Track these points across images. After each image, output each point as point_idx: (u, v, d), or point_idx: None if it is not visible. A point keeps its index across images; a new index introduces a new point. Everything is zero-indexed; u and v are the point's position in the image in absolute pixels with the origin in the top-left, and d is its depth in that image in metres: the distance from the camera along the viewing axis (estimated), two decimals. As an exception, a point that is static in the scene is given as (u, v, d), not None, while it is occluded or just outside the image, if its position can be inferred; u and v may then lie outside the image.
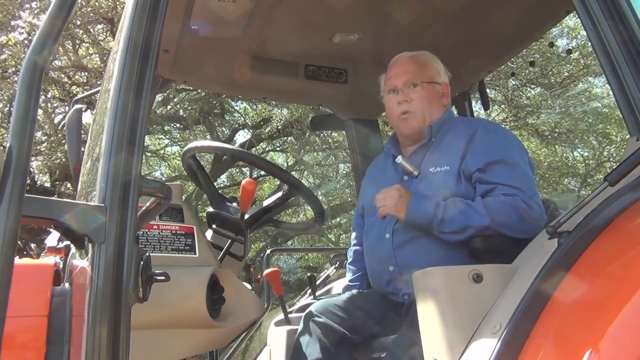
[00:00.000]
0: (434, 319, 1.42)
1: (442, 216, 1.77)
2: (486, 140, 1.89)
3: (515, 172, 1.83)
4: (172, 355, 1.61)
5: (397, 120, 2.04)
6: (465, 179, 1.87)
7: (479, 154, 1.85)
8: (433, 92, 2.04)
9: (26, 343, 1.36)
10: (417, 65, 2.06)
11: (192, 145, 2.10)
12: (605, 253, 1.31)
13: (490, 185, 1.80)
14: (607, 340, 1.17)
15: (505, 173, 1.81)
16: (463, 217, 1.76)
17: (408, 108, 2.01)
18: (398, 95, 2.02)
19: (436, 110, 2.04)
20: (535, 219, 1.75)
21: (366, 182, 2.27)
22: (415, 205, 1.82)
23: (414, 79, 2.02)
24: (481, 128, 1.94)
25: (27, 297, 1.38)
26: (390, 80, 2.07)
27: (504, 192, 1.77)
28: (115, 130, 1.14)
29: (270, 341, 2.42)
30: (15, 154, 0.88)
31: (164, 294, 1.25)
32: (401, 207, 1.82)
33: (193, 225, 1.66)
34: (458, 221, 1.76)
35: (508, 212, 1.73)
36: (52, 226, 1.11)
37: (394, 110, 2.04)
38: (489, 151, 1.85)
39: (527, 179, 1.83)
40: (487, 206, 1.76)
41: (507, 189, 1.78)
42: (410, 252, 1.85)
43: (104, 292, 1.04)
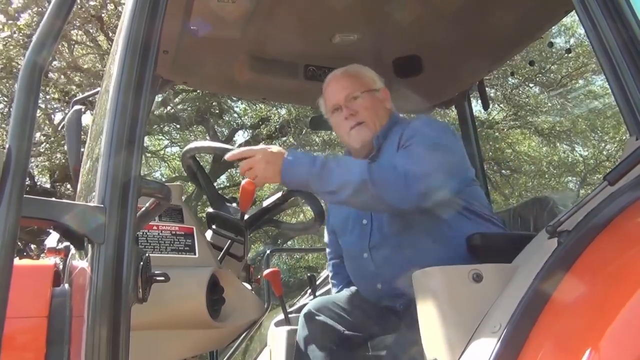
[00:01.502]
0: (434, 319, 1.42)
1: (320, 170, 1.69)
2: (413, 128, 1.89)
3: (421, 146, 1.80)
4: (172, 355, 1.61)
5: (348, 135, 2.02)
6: None
7: (404, 140, 1.85)
8: (374, 99, 2.05)
9: (26, 344, 1.36)
10: (352, 78, 2.06)
11: (192, 145, 2.09)
12: (605, 252, 1.31)
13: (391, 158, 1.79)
14: (607, 339, 1.17)
15: (406, 154, 1.79)
16: (342, 171, 1.69)
17: (356, 120, 2.00)
18: (343, 112, 2.02)
19: (383, 114, 2.04)
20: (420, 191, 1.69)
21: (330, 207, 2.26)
22: (288, 166, 1.69)
23: (353, 92, 2.02)
24: (414, 121, 1.98)
25: (27, 298, 1.38)
26: (330, 99, 2.07)
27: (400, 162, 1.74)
28: (114, 130, 1.14)
29: (271, 341, 2.42)
30: (15, 154, 0.88)
31: (163, 294, 1.24)
32: (272, 172, 1.70)
33: (193, 226, 1.66)
34: (336, 175, 1.68)
35: (388, 173, 1.69)
36: (52, 227, 1.11)
37: (344, 127, 2.02)
38: (407, 139, 1.85)
39: (431, 160, 1.77)
40: (372, 166, 1.71)
41: (404, 159, 1.75)
42: (394, 268, 1.82)
43: (103, 292, 1.04)
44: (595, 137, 10.75)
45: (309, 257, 11.05)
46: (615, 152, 10.28)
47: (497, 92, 9.43)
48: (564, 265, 1.30)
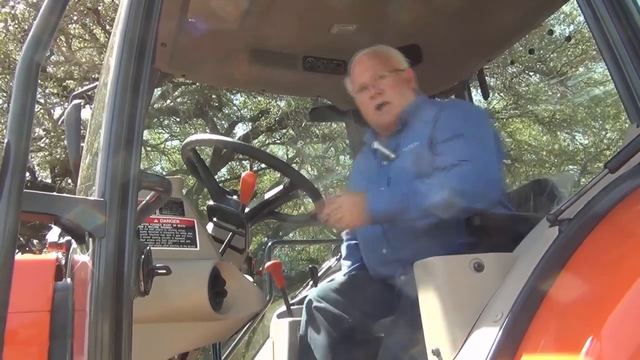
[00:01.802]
0: (435, 308, 1.42)
1: (402, 205, 1.77)
2: (450, 116, 1.95)
3: (472, 144, 1.85)
4: (175, 348, 1.62)
5: (374, 114, 2.09)
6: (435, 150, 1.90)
7: (442, 129, 1.90)
8: (400, 78, 2.10)
9: (29, 338, 1.36)
10: (377, 58, 2.12)
11: (192, 138, 2.09)
12: (606, 241, 1.31)
13: (447, 156, 1.83)
14: (607, 328, 1.18)
15: (462, 145, 1.84)
16: (422, 199, 1.75)
17: (383, 99, 2.06)
18: (369, 91, 2.07)
19: (408, 94, 2.10)
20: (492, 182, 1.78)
21: (351, 172, 2.31)
22: (372, 207, 1.80)
23: (380, 72, 2.08)
24: (448, 104, 2.05)
25: (29, 293, 1.38)
26: (356, 79, 2.13)
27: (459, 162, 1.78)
28: (113, 124, 1.14)
29: (273, 333, 2.43)
30: (14, 150, 0.88)
31: (165, 287, 1.25)
32: (357, 215, 1.81)
33: (194, 219, 1.66)
34: (419, 204, 1.75)
35: (465, 180, 1.75)
36: (53, 222, 1.11)
37: (369, 105, 2.08)
38: (451, 126, 1.90)
39: (483, 149, 1.86)
40: (444, 179, 1.76)
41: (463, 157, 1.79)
42: (402, 233, 1.86)
43: (105, 286, 1.04)
44: (596, 125, 10.73)
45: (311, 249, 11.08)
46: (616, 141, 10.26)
47: (497, 81, 9.40)
48: (564, 254, 1.31)
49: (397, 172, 1.96)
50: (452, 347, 1.37)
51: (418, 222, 1.80)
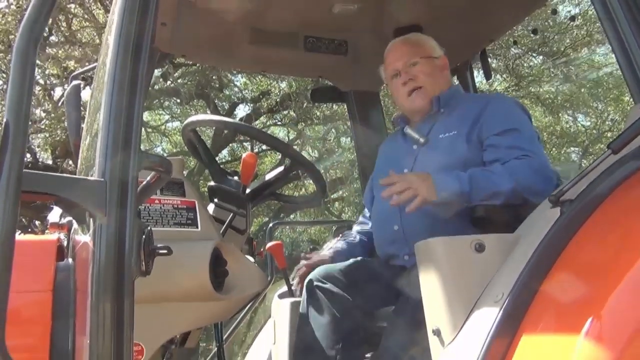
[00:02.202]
0: (436, 289, 1.43)
1: (469, 189, 1.74)
2: (500, 110, 1.95)
3: (528, 139, 1.87)
4: (177, 327, 1.63)
5: (406, 99, 2.08)
6: (475, 145, 1.90)
7: (493, 122, 1.90)
8: (433, 66, 2.09)
9: (32, 317, 1.38)
10: (411, 45, 2.12)
11: (193, 119, 2.08)
12: (607, 221, 1.31)
13: (504, 149, 1.83)
14: (608, 309, 1.18)
15: (520, 139, 1.85)
16: (489, 184, 1.75)
17: (414, 84, 2.05)
18: (401, 77, 2.07)
19: (442, 82, 2.09)
20: (551, 179, 1.77)
21: (379, 158, 2.31)
22: (441, 186, 1.74)
23: (412, 58, 2.07)
24: (493, 100, 2.02)
25: (32, 273, 1.39)
26: (390, 65, 2.12)
27: (518, 155, 1.80)
28: (112, 104, 1.13)
29: (274, 313, 2.44)
30: (12, 129, 0.87)
31: (166, 267, 1.25)
32: (431, 191, 1.73)
33: (194, 200, 1.66)
34: (485, 189, 1.74)
35: (528, 173, 1.75)
36: (53, 201, 1.11)
37: (402, 91, 2.08)
38: (503, 119, 1.90)
39: (538, 144, 1.91)
40: (508, 169, 1.76)
41: (522, 152, 1.81)
42: (416, 213, 1.86)
43: (106, 266, 1.05)
44: (598, 107, 10.68)
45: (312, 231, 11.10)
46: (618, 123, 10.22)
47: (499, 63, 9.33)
48: (566, 234, 1.30)
49: (425, 157, 1.95)
50: (452, 327, 1.38)
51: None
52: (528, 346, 1.24)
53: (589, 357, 1.12)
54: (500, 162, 1.83)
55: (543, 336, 1.25)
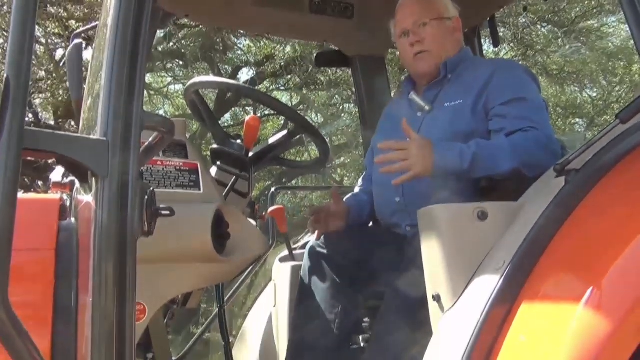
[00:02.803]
0: (438, 255, 1.43)
1: (469, 167, 1.72)
2: (508, 78, 1.90)
3: (535, 109, 1.84)
4: (179, 288, 1.64)
5: (411, 61, 2.03)
6: (480, 115, 1.87)
7: (500, 91, 1.85)
8: (444, 28, 2.01)
9: (35, 276, 1.39)
10: (423, 3, 2.03)
11: (196, 80, 2.06)
12: (612, 191, 1.30)
13: (511, 119, 1.80)
14: (609, 279, 1.18)
15: (526, 109, 1.82)
16: (491, 163, 1.73)
17: (421, 48, 1.99)
18: (409, 37, 2.00)
19: (450, 46, 2.02)
20: (556, 154, 1.75)
21: (382, 120, 2.27)
22: (439, 162, 1.71)
23: (423, 18, 1.99)
24: (501, 67, 1.96)
25: (34, 231, 1.39)
26: (399, 23, 2.05)
27: (525, 127, 1.77)
28: (115, 64, 1.11)
29: (275, 276, 2.47)
30: (13, 84, 0.86)
31: (169, 228, 1.25)
32: (427, 166, 1.70)
33: (197, 162, 1.65)
34: (486, 168, 1.73)
35: (534, 149, 1.72)
36: (55, 160, 1.10)
37: (408, 52, 2.02)
38: (511, 88, 1.86)
39: (545, 116, 1.87)
40: (513, 146, 1.73)
41: (529, 123, 1.78)
42: (417, 184, 1.85)
43: (109, 226, 1.05)
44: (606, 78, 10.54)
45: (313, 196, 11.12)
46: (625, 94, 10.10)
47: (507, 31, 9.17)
48: (570, 203, 1.30)
49: (429, 126, 1.92)
50: (452, 293, 1.39)
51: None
52: (527, 314, 1.25)
53: (588, 326, 1.13)
54: (506, 131, 1.81)
55: (543, 305, 1.26)
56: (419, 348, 1.42)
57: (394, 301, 1.74)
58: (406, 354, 1.58)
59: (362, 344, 2.01)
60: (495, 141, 1.81)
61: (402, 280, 1.72)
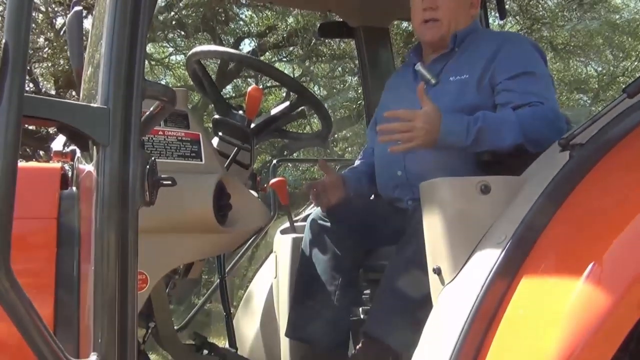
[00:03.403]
0: (439, 228, 1.43)
1: (472, 142, 1.71)
2: (514, 52, 1.87)
3: (542, 84, 1.82)
4: (180, 258, 1.64)
5: (420, 25, 1.99)
6: (486, 89, 1.85)
7: (507, 65, 1.83)
8: (462, 1, 1.98)
9: (38, 244, 1.39)
10: None
11: (198, 49, 2.03)
12: (617, 167, 1.29)
13: (518, 94, 1.78)
14: (610, 254, 1.18)
15: (533, 84, 1.80)
16: (495, 138, 1.72)
17: (433, 15, 1.94)
18: (424, 0, 1.95)
19: (462, 19, 1.98)
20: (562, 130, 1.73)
21: (386, 92, 2.25)
22: (444, 137, 1.69)
23: None
24: (508, 40, 1.93)
25: (36, 200, 1.39)
26: None
27: (533, 101, 1.75)
28: (115, 32, 1.09)
29: (276, 248, 2.48)
30: (12, 49, 0.84)
31: (170, 199, 1.25)
32: (430, 141, 1.69)
33: (199, 132, 1.64)
34: (489, 143, 1.72)
35: (540, 126, 1.71)
36: (56, 127, 1.09)
37: (418, 15, 1.97)
38: (517, 62, 1.84)
39: (552, 90, 1.86)
40: (520, 121, 1.72)
41: (536, 98, 1.76)
42: (420, 158, 1.84)
43: (110, 195, 1.04)
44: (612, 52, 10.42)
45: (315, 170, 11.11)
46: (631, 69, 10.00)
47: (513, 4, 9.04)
48: (574, 178, 1.29)
49: (434, 98, 1.88)
50: (453, 266, 1.39)
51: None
52: (527, 289, 1.25)
53: (588, 301, 1.13)
54: (513, 104, 1.78)
55: (543, 279, 1.26)
56: (418, 321, 1.43)
57: (394, 274, 1.75)
58: (405, 326, 1.59)
59: (362, 315, 2.03)
60: (502, 114, 1.79)
61: (403, 253, 1.73)
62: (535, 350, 1.15)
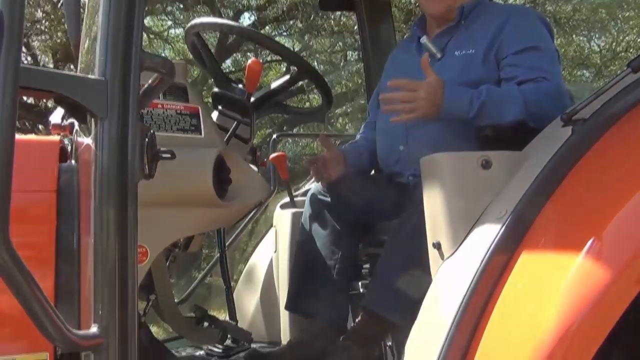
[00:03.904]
0: (439, 203, 1.42)
1: (475, 115, 1.71)
2: (521, 27, 1.85)
3: (548, 59, 1.80)
4: (180, 232, 1.65)
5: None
6: (491, 64, 1.83)
7: (514, 39, 1.81)
8: None
9: (37, 217, 1.39)
10: None
11: (197, 21, 2.00)
12: (620, 142, 1.28)
13: (524, 69, 1.77)
14: (611, 230, 1.18)
15: (539, 59, 1.78)
16: (498, 112, 1.71)
17: None
18: None
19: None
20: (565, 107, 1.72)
21: (388, 65, 2.22)
22: (447, 109, 1.69)
23: None
24: (515, 14, 1.90)
25: (35, 172, 1.38)
26: None
27: (537, 77, 1.74)
28: (112, 2, 1.07)
29: (276, 223, 2.48)
30: (7, 18, 0.82)
31: (170, 172, 1.24)
32: (432, 111, 1.69)
33: (198, 106, 1.62)
34: (491, 117, 1.71)
35: (544, 101, 1.70)
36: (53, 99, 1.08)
37: None
38: (524, 37, 1.82)
39: (557, 66, 1.84)
40: (524, 96, 1.71)
41: (541, 73, 1.75)
42: (422, 133, 1.83)
43: (109, 168, 1.03)
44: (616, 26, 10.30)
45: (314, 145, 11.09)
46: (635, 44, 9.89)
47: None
48: (576, 153, 1.28)
49: (439, 73, 1.88)
50: (452, 241, 1.39)
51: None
52: (527, 264, 1.25)
53: (587, 276, 1.13)
54: (518, 80, 1.77)
55: (543, 254, 1.26)
56: (417, 294, 1.43)
57: (393, 248, 1.76)
58: (404, 300, 1.60)
59: (361, 289, 2.04)
60: (506, 89, 1.78)
61: (403, 228, 1.73)
62: (534, 324, 1.15)
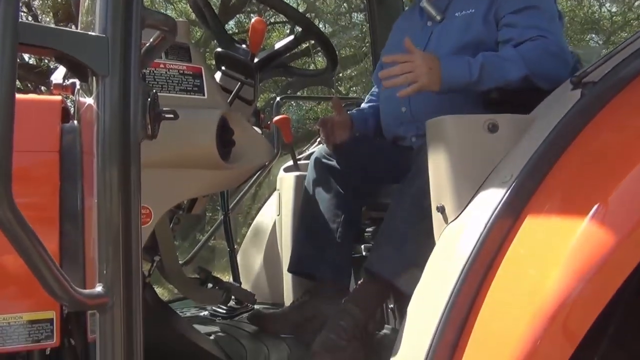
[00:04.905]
0: (444, 166, 1.41)
1: (477, 78, 1.69)
2: None
3: (546, 17, 1.77)
4: (184, 193, 1.64)
5: None
6: (491, 24, 1.81)
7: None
8: None
9: (40, 177, 1.38)
10: None
11: (199, -21, 1.95)
12: (629, 106, 1.26)
13: (520, 29, 1.74)
14: (616, 196, 1.17)
15: (537, 17, 1.75)
16: (500, 73, 1.69)
17: None
18: None
19: None
20: (567, 63, 1.70)
21: (392, 33, 2.21)
22: (448, 74, 1.67)
23: None
24: None
25: (38, 132, 1.37)
26: None
27: (534, 35, 1.71)
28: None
29: (280, 186, 2.48)
30: (3, -29, 0.80)
31: (173, 133, 1.23)
32: (435, 79, 1.67)
33: (201, 66, 1.59)
34: (495, 78, 1.69)
35: (544, 58, 1.68)
36: (53, 57, 1.06)
37: None
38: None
39: (557, 24, 1.80)
40: (522, 54, 1.69)
41: (538, 32, 1.72)
42: (425, 95, 1.81)
43: (111, 128, 1.02)
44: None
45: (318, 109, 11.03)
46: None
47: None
48: (584, 117, 1.26)
49: (440, 36, 1.87)
50: (457, 204, 1.38)
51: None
52: (531, 228, 1.25)
53: (591, 241, 1.13)
54: (514, 42, 1.75)
55: (547, 219, 1.25)
56: (420, 258, 1.44)
57: (397, 211, 1.75)
58: (407, 262, 1.61)
59: (364, 252, 2.05)
60: (502, 52, 1.76)
61: (407, 191, 1.73)
62: (536, 288, 1.16)
